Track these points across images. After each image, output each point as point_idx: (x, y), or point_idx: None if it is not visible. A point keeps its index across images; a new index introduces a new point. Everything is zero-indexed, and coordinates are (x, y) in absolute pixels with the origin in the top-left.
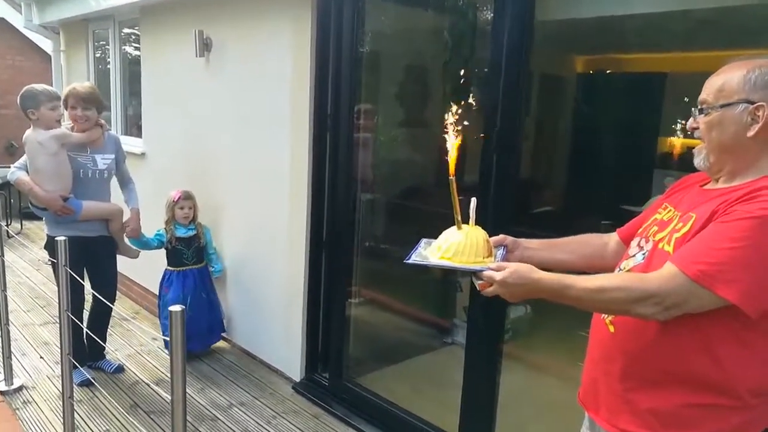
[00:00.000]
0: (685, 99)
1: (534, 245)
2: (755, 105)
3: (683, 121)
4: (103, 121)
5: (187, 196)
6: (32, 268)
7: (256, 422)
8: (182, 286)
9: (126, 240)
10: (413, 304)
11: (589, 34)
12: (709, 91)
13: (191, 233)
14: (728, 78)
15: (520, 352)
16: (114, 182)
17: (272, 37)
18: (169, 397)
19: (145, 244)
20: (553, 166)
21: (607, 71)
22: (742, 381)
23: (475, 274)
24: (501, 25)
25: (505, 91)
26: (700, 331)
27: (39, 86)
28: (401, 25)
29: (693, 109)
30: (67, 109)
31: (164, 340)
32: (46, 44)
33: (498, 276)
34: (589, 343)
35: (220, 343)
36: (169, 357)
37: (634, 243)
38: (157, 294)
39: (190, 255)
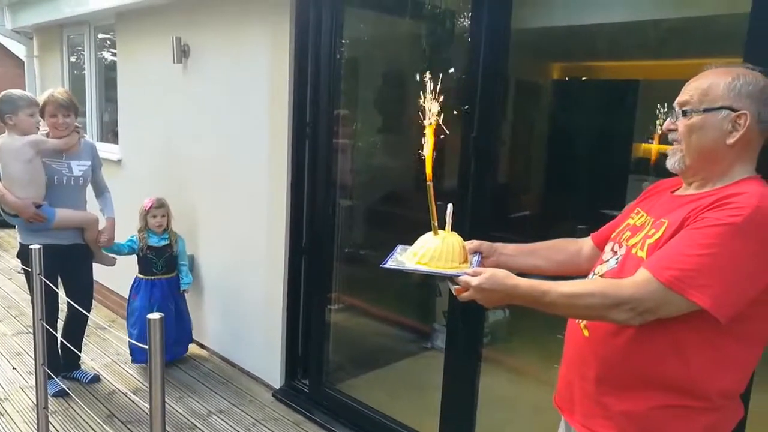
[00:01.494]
0: (658, 106)
1: (509, 251)
2: (737, 113)
3: (659, 126)
4: (79, 126)
5: (160, 204)
6: (4, 277)
7: (236, 430)
8: (149, 295)
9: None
10: (393, 310)
11: (564, 42)
12: (692, 92)
13: (163, 243)
14: (713, 83)
15: (499, 355)
16: (90, 191)
17: (250, 44)
18: (147, 407)
19: (117, 251)
20: (530, 171)
21: (582, 78)
22: (713, 383)
23: (452, 279)
24: (478, 32)
25: (482, 97)
26: (672, 335)
27: (17, 92)
28: (379, 33)
29: (673, 108)
30: (44, 117)
31: (130, 346)
32: (19, 49)
33: (474, 281)
34: (565, 347)
35: (199, 351)
36: (143, 366)
37: (607, 248)
38: (127, 300)
39: (160, 265)
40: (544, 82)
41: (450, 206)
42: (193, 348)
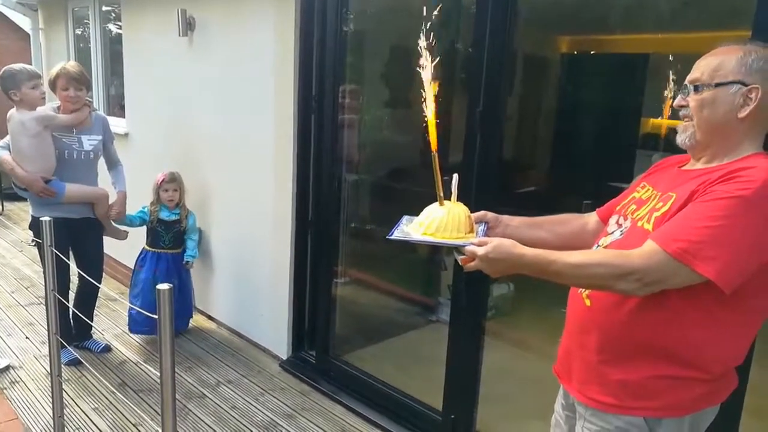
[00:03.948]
0: (672, 77)
1: (515, 223)
2: (748, 87)
3: (669, 100)
4: (90, 101)
5: (172, 179)
6: (15, 249)
7: (244, 399)
8: (154, 268)
9: (112, 222)
10: (398, 283)
11: (573, 15)
12: (703, 69)
13: (173, 217)
14: (725, 59)
15: (503, 329)
16: (102, 164)
17: (256, 16)
18: (157, 375)
19: (128, 222)
20: (537, 146)
21: (591, 52)
22: (711, 355)
23: (458, 249)
24: (484, 5)
25: (489, 71)
26: (673, 306)
27: (17, 66)
28: (385, 4)
29: (686, 84)
30: (56, 90)
31: (129, 314)
32: (24, 22)
33: (480, 251)
34: (567, 316)
35: (207, 323)
36: (152, 336)
37: (612, 220)
38: (132, 270)
39: (168, 239)
40: (552, 55)
41: (456, 176)
42: (201, 320)
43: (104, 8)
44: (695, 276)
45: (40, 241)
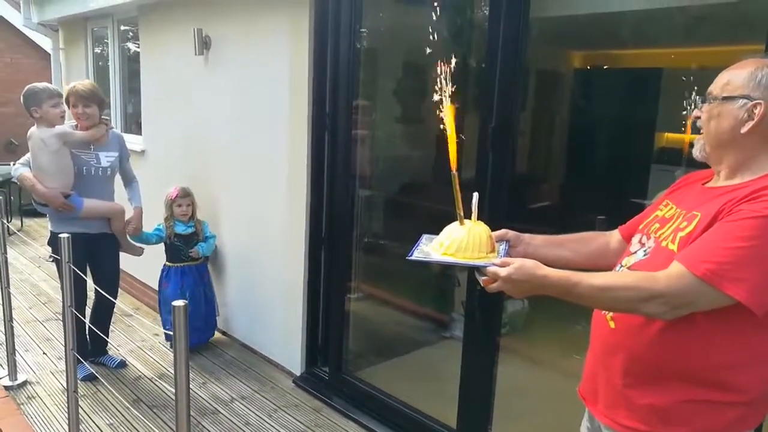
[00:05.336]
0: (684, 94)
1: (537, 241)
2: (753, 102)
3: (687, 115)
4: (107, 119)
5: (185, 194)
6: (33, 265)
7: (258, 416)
8: (181, 282)
9: (128, 238)
10: (412, 299)
11: (585, 31)
12: (717, 83)
13: (190, 230)
14: (736, 73)
15: (517, 345)
16: (118, 180)
17: (271, 35)
18: (172, 391)
19: (145, 240)
20: (550, 161)
21: (604, 67)
22: (742, 377)
23: (479, 269)
24: (496, 21)
25: (501, 87)
26: (702, 328)
27: (40, 84)
28: (398, 22)
29: (698, 97)
30: (69, 108)
31: (165, 333)
32: (45, 42)
33: (503, 272)
34: (591, 338)
35: (221, 338)
36: (170, 351)
37: (635, 240)
38: (157, 290)
39: (188, 252)
40: (565, 71)
41: (476, 195)
42: (215, 335)
43: (122, 28)
44: (725, 298)
45: (59, 257)
